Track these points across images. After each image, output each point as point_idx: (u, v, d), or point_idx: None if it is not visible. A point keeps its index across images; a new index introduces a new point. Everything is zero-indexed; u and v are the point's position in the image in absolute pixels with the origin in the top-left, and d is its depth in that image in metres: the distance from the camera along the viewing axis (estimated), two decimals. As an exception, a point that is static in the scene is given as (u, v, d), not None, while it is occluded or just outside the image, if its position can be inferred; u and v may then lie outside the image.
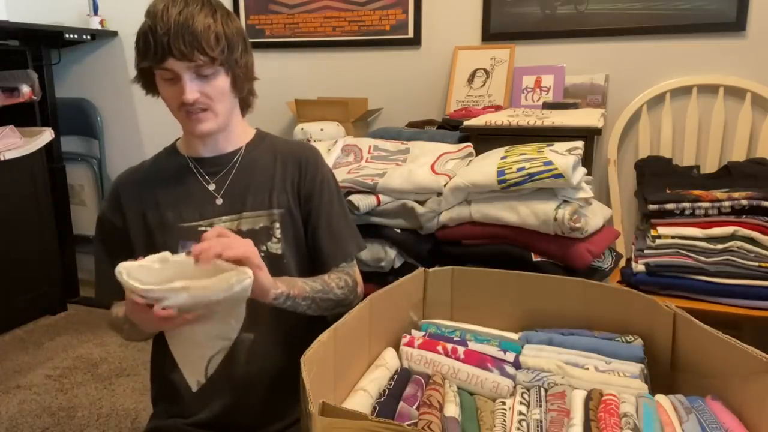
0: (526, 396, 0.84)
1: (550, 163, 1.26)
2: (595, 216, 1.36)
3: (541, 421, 0.78)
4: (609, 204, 2.07)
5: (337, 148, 1.70)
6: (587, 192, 1.33)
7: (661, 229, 1.54)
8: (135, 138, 2.95)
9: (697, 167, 1.93)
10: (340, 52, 2.48)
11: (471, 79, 2.21)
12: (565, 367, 0.88)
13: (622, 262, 1.67)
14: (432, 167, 1.47)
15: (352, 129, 2.13)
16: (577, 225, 1.25)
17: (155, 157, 1.16)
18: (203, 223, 1.05)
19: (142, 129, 2.94)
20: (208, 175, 1.09)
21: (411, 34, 2.34)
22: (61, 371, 2.25)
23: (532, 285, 1.04)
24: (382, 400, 0.84)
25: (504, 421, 0.79)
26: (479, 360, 0.90)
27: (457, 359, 0.91)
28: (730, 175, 1.74)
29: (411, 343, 0.95)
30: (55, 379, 2.19)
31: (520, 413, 0.80)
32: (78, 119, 2.97)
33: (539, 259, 1.30)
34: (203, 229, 1.03)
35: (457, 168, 1.50)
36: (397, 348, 0.97)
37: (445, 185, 1.41)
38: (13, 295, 2.59)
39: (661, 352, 0.91)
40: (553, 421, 0.77)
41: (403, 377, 0.90)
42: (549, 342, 0.95)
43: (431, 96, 2.35)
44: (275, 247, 1.05)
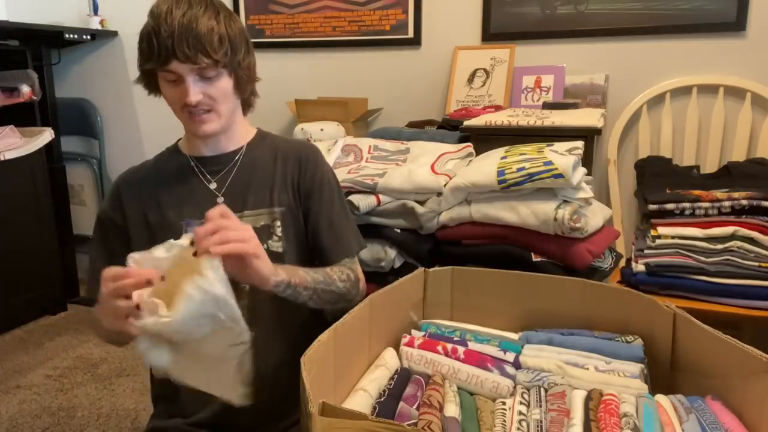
0: (526, 396, 0.84)
1: (550, 163, 1.26)
2: (595, 216, 1.36)
3: (541, 421, 0.78)
4: (609, 204, 2.07)
5: (337, 148, 1.70)
6: (587, 192, 1.33)
7: (661, 229, 1.54)
8: (135, 138, 2.95)
9: (697, 167, 1.93)
10: (340, 52, 2.47)
11: (471, 79, 2.21)
12: (565, 367, 0.88)
13: (622, 262, 1.67)
14: (432, 167, 1.47)
15: (352, 129, 2.13)
16: (577, 225, 1.25)
17: (157, 156, 1.16)
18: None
19: (142, 129, 2.94)
20: (210, 174, 1.09)
21: (411, 34, 2.34)
22: (61, 371, 2.24)
23: (532, 285, 1.04)
24: (382, 400, 0.84)
25: (504, 421, 0.79)
26: (479, 360, 0.90)
27: (457, 359, 0.91)
28: (730, 175, 1.74)
29: (411, 343, 0.95)
30: (55, 379, 2.19)
31: (520, 413, 0.80)
32: (78, 119, 2.97)
33: (539, 259, 1.30)
34: None
35: (457, 168, 1.50)
36: (397, 348, 0.97)
37: (445, 185, 1.41)
38: (13, 295, 2.59)
39: (661, 352, 0.91)
40: (553, 421, 0.77)
41: (403, 377, 0.90)
42: (549, 342, 0.95)
43: (431, 96, 2.35)
44: (276, 245, 1.06)
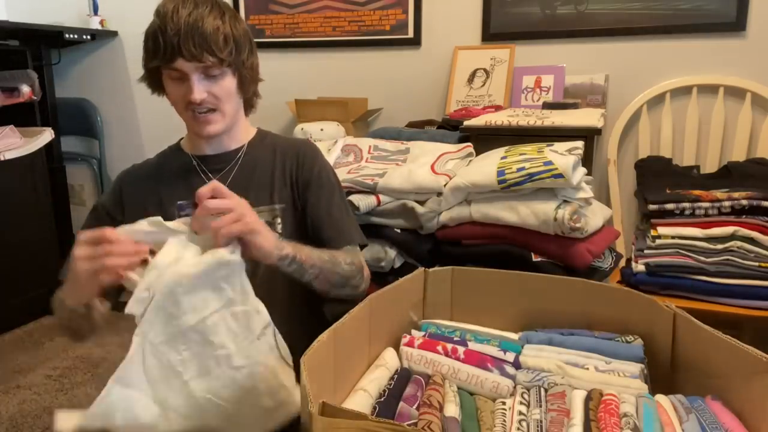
0: (526, 396, 0.84)
1: (550, 163, 1.26)
2: (595, 216, 1.36)
3: (541, 421, 0.78)
4: (609, 204, 2.07)
5: (337, 148, 1.70)
6: (587, 192, 1.33)
7: (661, 229, 1.54)
8: (135, 138, 2.94)
9: (697, 167, 1.93)
10: (340, 52, 2.47)
11: (471, 79, 2.21)
12: (565, 367, 0.88)
13: (622, 262, 1.67)
14: (432, 167, 1.47)
15: (352, 129, 2.13)
16: (577, 225, 1.25)
17: (160, 154, 1.17)
18: None
19: (142, 129, 2.94)
20: (211, 173, 1.10)
21: (411, 34, 2.34)
22: (61, 371, 2.24)
23: (532, 285, 1.04)
24: (382, 400, 0.84)
25: (504, 421, 0.79)
26: (479, 360, 0.90)
27: (457, 359, 0.91)
28: (730, 175, 1.74)
29: (411, 343, 0.95)
30: (55, 379, 2.19)
31: (520, 413, 0.80)
32: (78, 119, 2.97)
33: (539, 259, 1.30)
34: None
35: (457, 168, 1.50)
36: (397, 348, 0.97)
37: (445, 185, 1.41)
38: (13, 295, 2.59)
39: (661, 352, 0.90)
40: (553, 421, 0.77)
41: (403, 377, 0.90)
42: (549, 342, 0.95)
43: (431, 96, 2.35)
44: None
